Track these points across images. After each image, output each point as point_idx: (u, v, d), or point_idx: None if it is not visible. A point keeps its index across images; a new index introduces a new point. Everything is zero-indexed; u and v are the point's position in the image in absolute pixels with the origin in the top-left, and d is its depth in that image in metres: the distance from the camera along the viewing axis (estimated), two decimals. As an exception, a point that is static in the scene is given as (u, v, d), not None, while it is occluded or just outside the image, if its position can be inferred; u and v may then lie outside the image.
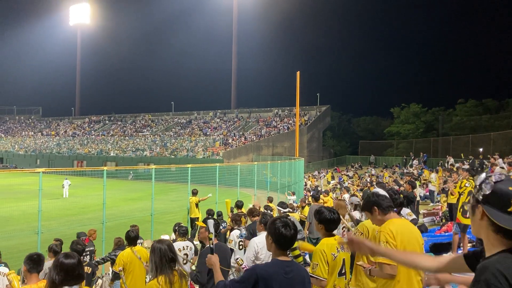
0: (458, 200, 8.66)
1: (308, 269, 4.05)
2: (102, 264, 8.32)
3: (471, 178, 8.76)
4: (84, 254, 7.47)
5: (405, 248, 3.47)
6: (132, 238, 6.53)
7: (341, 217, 7.92)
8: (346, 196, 15.13)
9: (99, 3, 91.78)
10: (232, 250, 7.37)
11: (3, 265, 7.35)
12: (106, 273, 9.28)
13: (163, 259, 3.84)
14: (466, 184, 8.56)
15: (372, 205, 3.83)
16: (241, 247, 7.51)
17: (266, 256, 5.62)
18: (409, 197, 8.96)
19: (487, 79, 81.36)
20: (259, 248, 5.52)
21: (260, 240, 5.65)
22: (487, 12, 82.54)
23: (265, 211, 9.01)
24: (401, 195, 6.34)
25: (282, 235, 3.12)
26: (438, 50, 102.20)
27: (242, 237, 7.42)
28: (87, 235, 9.52)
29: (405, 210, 6.66)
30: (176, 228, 8.14)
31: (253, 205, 11.07)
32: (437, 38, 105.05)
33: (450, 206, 10.71)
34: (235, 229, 7.90)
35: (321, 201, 12.54)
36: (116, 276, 7.38)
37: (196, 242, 9.24)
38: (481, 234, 1.81)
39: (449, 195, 9.76)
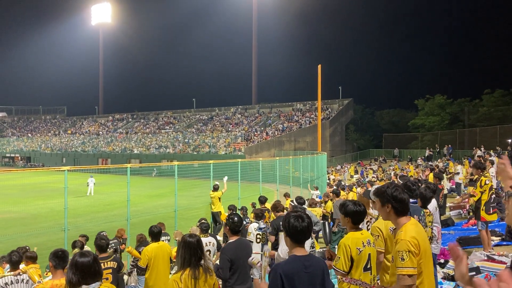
0: (480, 199, 8.36)
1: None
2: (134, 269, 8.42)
3: (487, 173, 8.41)
4: (109, 248, 7.56)
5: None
6: (155, 234, 6.59)
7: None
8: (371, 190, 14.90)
9: (120, 2, 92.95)
10: (251, 242, 7.39)
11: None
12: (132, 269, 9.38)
13: (192, 255, 3.85)
14: (487, 182, 8.22)
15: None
16: (258, 240, 7.50)
17: None
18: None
19: (515, 68, 79.12)
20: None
21: None
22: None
23: (296, 204, 8.93)
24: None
25: (295, 228, 3.13)
26: (462, 39, 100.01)
27: (260, 230, 7.41)
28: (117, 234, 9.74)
29: (434, 203, 6.50)
30: (198, 224, 8.17)
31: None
32: (461, 27, 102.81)
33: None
34: (253, 222, 7.89)
35: (342, 196, 12.42)
36: (141, 271, 7.44)
37: (220, 237, 9.29)
38: None
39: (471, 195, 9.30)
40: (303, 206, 8.02)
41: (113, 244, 8.77)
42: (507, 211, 1.73)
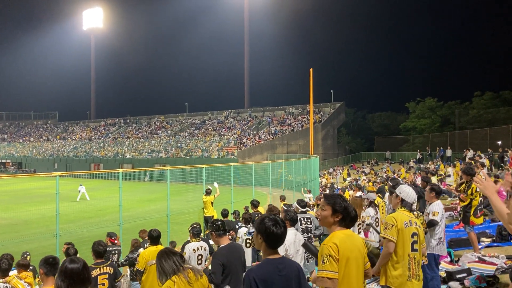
0: (470, 204, 8.41)
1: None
2: (125, 265, 8.40)
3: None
4: (107, 254, 7.54)
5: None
6: (154, 237, 6.61)
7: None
8: (359, 194, 14.91)
9: (112, 7, 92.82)
10: None
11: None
12: (125, 275, 9.35)
13: (173, 265, 3.86)
14: (477, 189, 8.19)
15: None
16: (248, 245, 7.48)
17: (294, 252, 5.60)
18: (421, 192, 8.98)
19: (504, 71, 79.98)
20: (287, 245, 5.51)
21: (288, 237, 5.63)
22: (504, 2, 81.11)
23: (287, 208, 8.96)
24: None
25: (273, 234, 3.06)
26: (452, 43, 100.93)
27: (250, 235, 7.40)
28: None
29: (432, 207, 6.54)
30: (189, 229, 8.17)
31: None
32: (451, 30, 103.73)
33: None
34: (242, 226, 7.88)
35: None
36: (137, 275, 7.42)
37: (212, 242, 9.29)
38: None
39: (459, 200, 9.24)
40: (305, 209, 7.99)
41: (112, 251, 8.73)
42: (509, 210, 1.79)
